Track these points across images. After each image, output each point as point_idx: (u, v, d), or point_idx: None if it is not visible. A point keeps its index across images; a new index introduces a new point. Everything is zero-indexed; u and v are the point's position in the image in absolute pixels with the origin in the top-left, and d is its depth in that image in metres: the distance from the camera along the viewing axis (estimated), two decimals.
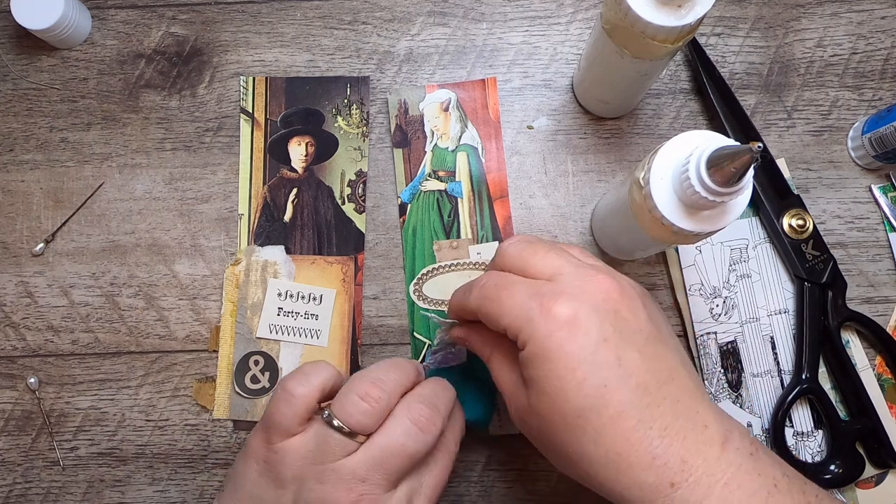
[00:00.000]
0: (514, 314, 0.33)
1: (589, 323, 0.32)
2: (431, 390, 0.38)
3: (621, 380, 0.31)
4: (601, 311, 0.32)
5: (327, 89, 0.52)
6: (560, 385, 0.32)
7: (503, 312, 0.34)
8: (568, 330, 0.32)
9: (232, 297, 0.49)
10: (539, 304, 0.32)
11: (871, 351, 0.49)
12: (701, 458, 0.31)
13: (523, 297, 0.33)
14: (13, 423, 0.49)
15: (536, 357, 0.32)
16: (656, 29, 0.37)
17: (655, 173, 0.35)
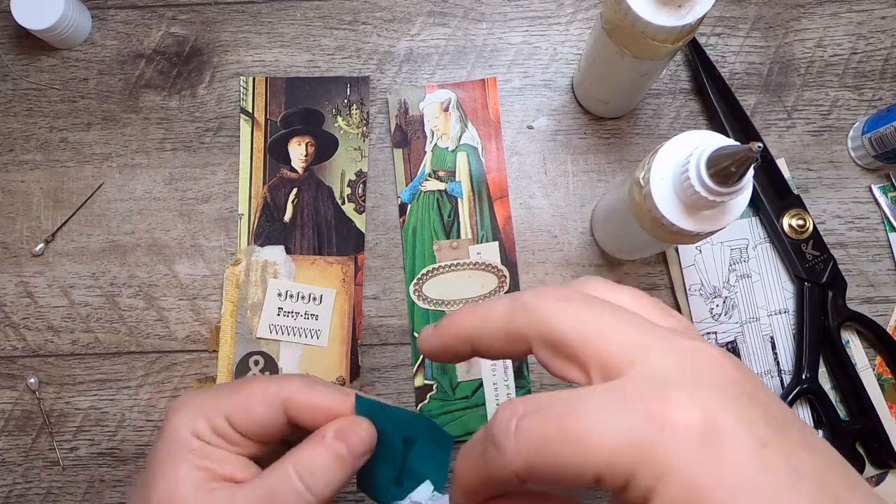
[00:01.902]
0: (609, 447, 0.20)
1: (732, 423, 0.20)
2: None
3: (813, 498, 0.20)
4: (736, 401, 0.21)
5: (327, 89, 0.52)
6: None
7: (588, 451, 0.21)
8: (712, 445, 0.20)
9: (232, 297, 0.49)
10: (645, 414, 0.21)
11: (871, 351, 0.49)
12: None
13: (610, 416, 0.21)
14: (13, 423, 0.49)
15: (672, 493, 0.20)
16: (656, 29, 0.37)
17: (655, 173, 0.35)
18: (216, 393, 0.33)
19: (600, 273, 0.50)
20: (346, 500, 0.48)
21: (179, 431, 0.32)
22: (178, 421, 0.32)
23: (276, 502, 0.30)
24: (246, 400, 0.32)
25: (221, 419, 0.32)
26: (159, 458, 0.32)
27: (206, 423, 0.32)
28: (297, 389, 0.33)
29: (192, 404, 0.33)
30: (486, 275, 0.49)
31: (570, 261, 0.50)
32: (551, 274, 0.50)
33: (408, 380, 0.49)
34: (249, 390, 0.33)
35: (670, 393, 0.21)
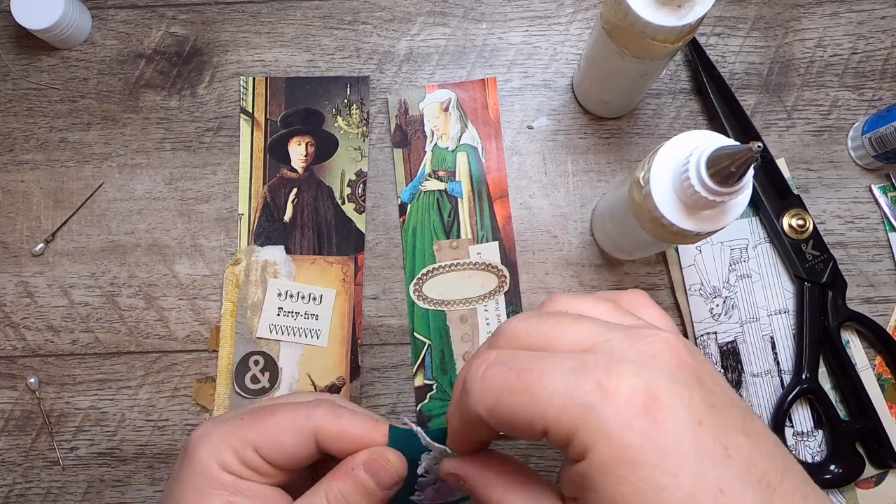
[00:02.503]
0: (558, 404, 0.23)
1: (674, 400, 0.22)
2: None
3: (739, 478, 0.22)
4: (682, 382, 0.23)
5: (327, 89, 0.52)
6: (659, 501, 0.21)
7: (539, 404, 0.23)
8: (650, 415, 0.22)
9: (232, 297, 0.49)
10: (594, 382, 0.22)
11: (871, 351, 0.49)
12: None
13: (564, 377, 0.23)
14: (13, 423, 0.49)
15: (613, 464, 0.22)
16: (656, 29, 0.37)
17: (655, 173, 0.35)
18: (241, 423, 0.32)
19: (600, 273, 0.50)
20: None
21: (207, 464, 0.31)
22: (204, 453, 0.31)
23: None
24: (275, 431, 0.32)
25: (250, 450, 0.31)
26: (186, 494, 0.31)
27: (234, 454, 0.31)
28: (326, 418, 0.32)
29: (217, 435, 0.32)
30: (486, 275, 0.49)
31: (570, 261, 0.50)
32: (551, 274, 0.50)
33: (408, 379, 0.49)
34: (277, 421, 0.32)
35: (622, 367, 0.23)
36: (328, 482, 0.31)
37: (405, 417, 0.48)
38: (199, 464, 0.31)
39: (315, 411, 0.32)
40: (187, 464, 0.32)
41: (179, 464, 0.33)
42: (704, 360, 0.25)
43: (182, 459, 0.32)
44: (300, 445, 0.32)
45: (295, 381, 0.48)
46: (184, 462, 0.32)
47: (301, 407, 0.32)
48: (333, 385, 0.48)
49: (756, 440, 0.23)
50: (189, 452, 0.32)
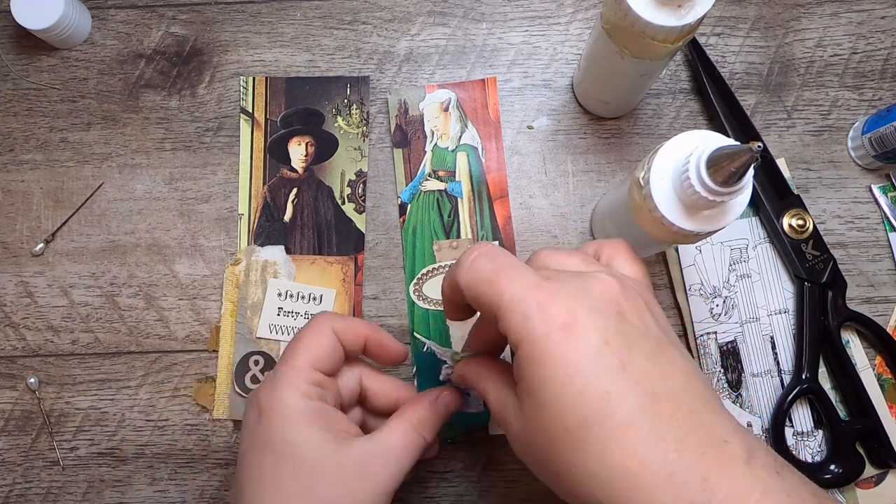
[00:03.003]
0: (513, 304, 0.30)
1: (589, 324, 0.29)
2: None
3: (627, 387, 0.28)
4: (603, 313, 0.29)
5: (327, 89, 0.52)
6: (558, 392, 0.28)
7: (501, 303, 0.30)
8: (567, 332, 0.29)
9: (232, 296, 0.49)
10: (537, 301, 0.29)
11: (871, 351, 0.49)
12: (724, 476, 0.27)
13: (523, 288, 0.30)
14: (13, 423, 0.49)
15: (532, 360, 0.29)
16: (656, 29, 0.37)
17: (655, 173, 0.35)
18: (285, 364, 0.37)
19: None
20: None
21: (294, 402, 0.36)
22: (284, 394, 0.36)
23: (409, 447, 0.37)
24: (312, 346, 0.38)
25: (310, 370, 0.37)
26: (281, 437, 0.35)
27: (305, 381, 0.37)
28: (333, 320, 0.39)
29: (279, 381, 0.37)
30: None
31: None
32: None
33: (408, 379, 0.49)
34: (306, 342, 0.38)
35: (560, 295, 0.30)
36: (410, 410, 0.38)
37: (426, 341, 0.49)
38: (287, 406, 0.36)
39: (324, 319, 0.39)
40: (272, 414, 0.36)
41: (260, 423, 0.36)
42: (638, 299, 0.31)
43: (259, 418, 0.36)
44: (334, 345, 0.38)
45: None
46: (267, 415, 0.36)
47: (313, 320, 0.39)
48: None
49: (659, 366, 0.29)
50: (264, 405, 0.36)
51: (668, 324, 0.32)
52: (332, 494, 0.35)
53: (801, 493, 0.28)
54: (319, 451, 0.35)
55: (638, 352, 0.29)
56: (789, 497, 0.27)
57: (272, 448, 0.35)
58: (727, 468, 0.27)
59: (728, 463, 0.27)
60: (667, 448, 0.27)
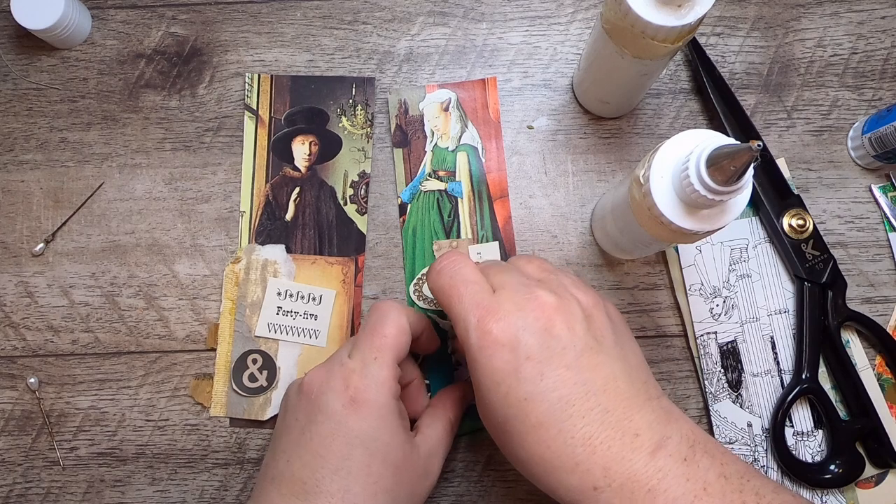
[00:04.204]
0: (459, 318, 0.36)
1: (516, 341, 0.34)
2: None
3: (542, 394, 0.33)
4: (530, 330, 0.34)
5: (332, 89, 0.52)
6: (487, 396, 0.35)
7: (452, 312, 0.37)
8: (496, 348, 0.34)
9: (231, 294, 0.49)
10: (478, 317, 0.35)
11: (871, 351, 0.49)
12: (625, 466, 0.32)
13: (469, 304, 0.36)
14: (13, 423, 0.49)
15: (472, 366, 0.36)
16: (656, 29, 0.37)
17: (655, 171, 0.35)
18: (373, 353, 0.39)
19: (600, 273, 0.50)
20: None
21: (388, 402, 0.39)
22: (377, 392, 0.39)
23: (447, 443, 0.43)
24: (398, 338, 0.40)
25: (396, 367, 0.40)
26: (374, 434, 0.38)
27: (395, 380, 0.40)
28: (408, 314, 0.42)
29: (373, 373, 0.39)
30: None
31: (569, 261, 0.50)
32: None
33: None
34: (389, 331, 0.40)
35: (495, 314, 0.35)
36: (448, 406, 0.44)
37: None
38: (383, 405, 0.38)
39: (401, 311, 0.41)
40: (368, 410, 0.38)
41: (354, 414, 0.38)
42: (572, 312, 0.35)
43: (351, 408, 0.38)
44: (409, 341, 0.41)
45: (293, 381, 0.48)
46: (363, 409, 0.38)
47: (389, 311, 0.41)
48: None
49: (578, 371, 0.34)
50: (360, 398, 0.38)
51: (615, 327, 0.37)
52: (408, 491, 0.39)
53: (703, 476, 0.33)
54: (403, 452, 0.39)
55: (558, 362, 0.34)
56: (688, 481, 0.32)
57: (364, 443, 0.38)
58: (629, 459, 0.33)
59: (632, 454, 0.33)
60: (574, 443, 0.33)
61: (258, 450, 0.48)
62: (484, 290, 0.36)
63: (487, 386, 0.35)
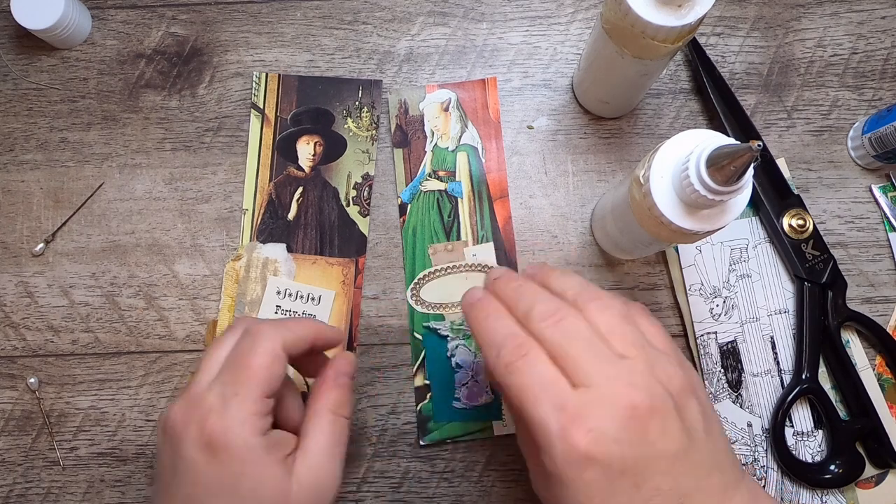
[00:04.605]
0: (534, 415, 0.31)
1: (610, 454, 0.30)
2: None
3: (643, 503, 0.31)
4: (624, 442, 0.30)
5: (339, 90, 0.52)
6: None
7: (524, 402, 0.32)
8: (586, 462, 0.30)
9: (231, 292, 0.49)
10: (560, 424, 0.30)
11: (871, 351, 0.49)
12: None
13: (546, 403, 0.31)
14: (13, 423, 0.49)
15: (553, 476, 0.31)
16: (656, 29, 0.37)
17: (655, 171, 0.35)
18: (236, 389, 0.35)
19: (600, 273, 0.50)
20: (345, 499, 0.48)
21: (251, 440, 0.34)
22: (239, 431, 0.34)
23: (339, 438, 0.38)
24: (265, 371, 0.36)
25: (262, 400, 0.35)
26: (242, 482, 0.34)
27: (259, 416, 0.35)
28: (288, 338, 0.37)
29: (234, 410, 0.34)
30: (483, 276, 0.49)
31: (570, 261, 0.50)
32: None
33: (408, 379, 0.49)
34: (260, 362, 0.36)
35: (583, 419, 0.30)
36: (322, 398, 0.38)
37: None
38: (248, 448, 0.34)
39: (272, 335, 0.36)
40: (230, 456, 0.34)
41: (216, 464, 0.34)
42: (667, 410, 0.31)
43: (213, 459, 0.34)
44: (284, 366, 0.37)
45: None
46: (225, 456, 0.34)
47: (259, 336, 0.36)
48: None
49: (674, 476, 0.31)
50: (218, 443, 0.34)
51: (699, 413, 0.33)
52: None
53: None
54: (277, 490, 0.35)
55: (654, 470, 0.31)
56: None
57: (228, 493, 0.34)
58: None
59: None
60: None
61: None
62: (563, 388, 0.31)
63: (578, 500, 0.31)
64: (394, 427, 0.48)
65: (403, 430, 0.48)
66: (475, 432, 0.48)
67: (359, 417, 0.49)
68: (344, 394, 0.39)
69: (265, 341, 0.36)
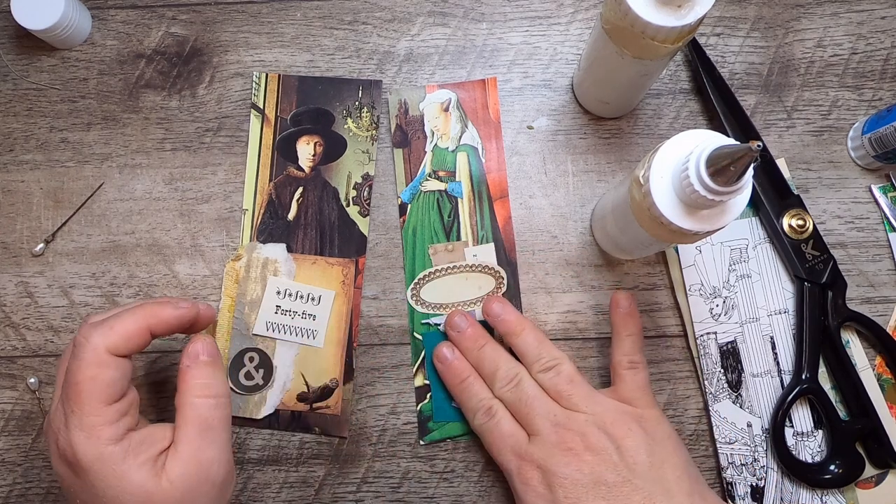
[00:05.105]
0: (500, 461, 0.43)
1: (552, 486, 0.40)
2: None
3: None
4: (563, 475, 0.40)
5: (339, 90, 0.52)
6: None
7: (493, 452, 0.44)
8: (536, 496, 0.40)
9: (231, 292, 0.49)
10: (518, 468, 0.41)
11: (871, 351, 0.49)
12: None
13: (507, 452, 0.43)
14: (13, 423, 0.49)
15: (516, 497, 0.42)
16: (656, 29, 0.37)
17: (655, 171, 0.35)
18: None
19: (600, 273, 0.50)
20: (345, 500, 0.48)
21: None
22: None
23: (208, 424, 0.38)
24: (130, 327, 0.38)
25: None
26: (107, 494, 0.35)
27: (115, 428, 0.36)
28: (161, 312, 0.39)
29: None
30: (483, 277, 0.49)
31: (569, 261, 0.50)
32: (551, 274, 0.50)
33: (408, 380, 0.49)
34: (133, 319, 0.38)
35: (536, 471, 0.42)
36: (181, 386, 0.38)
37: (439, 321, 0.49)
38: (93, 459, 0.35)
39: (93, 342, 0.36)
40: (90, 472, 0.35)
41: (80, 482, 0.36)
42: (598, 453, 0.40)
43: (76, 478, 0.36)
44: (121, 367, 0.37)
45: (289, 380, 0.48)
46: (86, 473, 0.35)
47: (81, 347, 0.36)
48: (326, 386, 0.48)
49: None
50: (71, 459, 0.35)
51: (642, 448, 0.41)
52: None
53: None
54: (145, 490, 0.35)
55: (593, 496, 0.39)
56: None
57: (99, 501, 0.35)
58: None
59: None
60: None
61: (258, 450, 0.48)
62: (520, 439, 0.42)
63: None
64: (394, 427, 0.48)
65: (403, 430, 0.48)
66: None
67: (359, 417, 0.49)
68: (203, 373, 0.39)
69: (86, 352, 0.36)
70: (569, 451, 0.40)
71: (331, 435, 0.48)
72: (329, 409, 0.48)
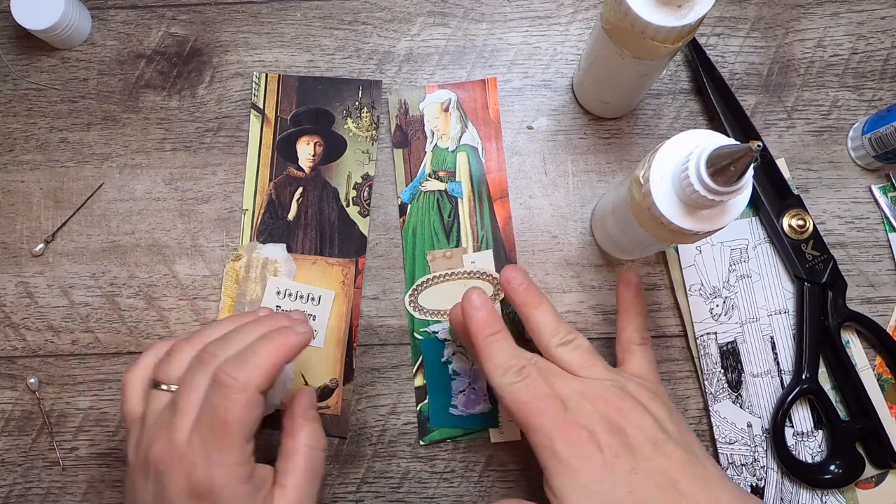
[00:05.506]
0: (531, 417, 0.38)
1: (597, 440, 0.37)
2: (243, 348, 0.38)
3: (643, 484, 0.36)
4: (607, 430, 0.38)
5: (339, 90, 0.52)
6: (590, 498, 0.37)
7: (522, 409, 0.38)
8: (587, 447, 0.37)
9: (231, 292, 0.49)
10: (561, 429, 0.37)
11: (871, 351, 0.49)
12: None
13: (544, 408, 0.38)
14: (13, 423, 0.49)
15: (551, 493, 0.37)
16: (656, 29, 0.37)
17: (655, 172, 0.35)
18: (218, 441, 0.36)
19: (600, 273, 0.50)
20: (345, 500, 0.48)
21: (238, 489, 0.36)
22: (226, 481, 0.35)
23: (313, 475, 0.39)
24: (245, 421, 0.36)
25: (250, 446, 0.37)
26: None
27: (246, 463, 0.36)
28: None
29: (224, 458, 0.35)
30: (481, 283, 0.49)
31: (569, 261, 0.50)
32: (551, 274, 0.50)
33: (408, 380, 0.49)
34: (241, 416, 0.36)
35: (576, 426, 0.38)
36: (296, 435, 0.40)
37: (437, 328, 0.48)
38: (229, 496, 0.35)
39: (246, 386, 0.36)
40: (229, 391, 0.35)
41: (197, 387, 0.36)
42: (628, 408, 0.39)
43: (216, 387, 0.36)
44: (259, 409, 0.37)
45: (289, 380, 0.48)
46: (226, 390, 0.35)
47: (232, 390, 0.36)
48: (326, 387, 0.48)
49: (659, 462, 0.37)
50: (205, 495, 0.35)
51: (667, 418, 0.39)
52: None
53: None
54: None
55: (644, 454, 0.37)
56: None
57: None
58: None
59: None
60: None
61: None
62: (558, 403, 0.38)
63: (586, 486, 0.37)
64: (394, 427, 0.48)
65: (403, 431, 0.48)
66: (475, 432, 0.48)
67: (359, 417, 0.49)
68: (316, 428, 0.41)
69: (238, 394, 0.35)
70: (606, 416, 0.38)
71: (331, 435, 0.48)
72: (329, 409, 0.48)
